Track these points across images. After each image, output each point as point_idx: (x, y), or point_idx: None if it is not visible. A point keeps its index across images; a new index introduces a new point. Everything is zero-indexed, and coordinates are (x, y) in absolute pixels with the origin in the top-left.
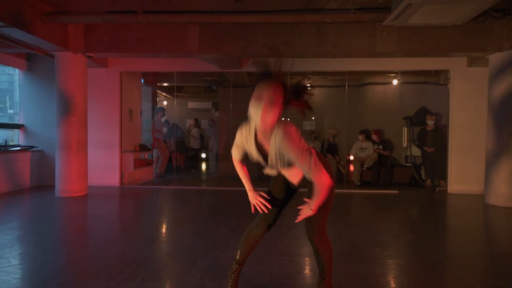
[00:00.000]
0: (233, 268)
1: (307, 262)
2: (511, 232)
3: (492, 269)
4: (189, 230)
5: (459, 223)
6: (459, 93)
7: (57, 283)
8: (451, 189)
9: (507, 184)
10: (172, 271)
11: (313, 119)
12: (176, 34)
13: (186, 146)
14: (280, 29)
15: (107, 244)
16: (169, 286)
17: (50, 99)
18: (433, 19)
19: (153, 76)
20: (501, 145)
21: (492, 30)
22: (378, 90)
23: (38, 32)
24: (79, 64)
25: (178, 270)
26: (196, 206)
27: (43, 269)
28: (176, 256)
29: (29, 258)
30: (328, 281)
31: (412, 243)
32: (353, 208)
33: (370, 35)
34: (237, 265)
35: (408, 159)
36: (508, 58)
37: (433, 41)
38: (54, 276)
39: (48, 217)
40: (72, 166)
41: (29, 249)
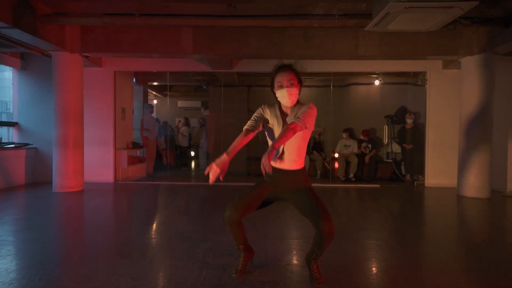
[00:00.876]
0: (236, 248)
1: (297, 243)
2: (476, 217)
3: (460, 246)
4: (187, 219)
5: (433, 211)
6: (435, 93)
7: (76, 262)
8: (428, 183)
9: (476, 177)
10: (177, 252)
11: None
12: (170, 36)
13: (175, 144)
14: (270, 33)
15: (113, 231)
16: (177, 262)
17: (44, 98)
18: (410, 26)
19: (144, 75)
20: (471, 142)
21: (463, 36)
22: (361, 90)
23: (38, 33)
24: (75, 64)
25: (183, 251)
26: (191, 199)
27: (59, 252)
28: (180, 240)
29: (43, 242)
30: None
31: (390, 228)
32: (338, 200)
33: (353, 39)
34: (238, 245)
35: (389, 155)
36: (477, 61)
37: (410, 45)
38: (71, 256)
39: (50, 209)
40: (69, 162)
41: (41, 235)
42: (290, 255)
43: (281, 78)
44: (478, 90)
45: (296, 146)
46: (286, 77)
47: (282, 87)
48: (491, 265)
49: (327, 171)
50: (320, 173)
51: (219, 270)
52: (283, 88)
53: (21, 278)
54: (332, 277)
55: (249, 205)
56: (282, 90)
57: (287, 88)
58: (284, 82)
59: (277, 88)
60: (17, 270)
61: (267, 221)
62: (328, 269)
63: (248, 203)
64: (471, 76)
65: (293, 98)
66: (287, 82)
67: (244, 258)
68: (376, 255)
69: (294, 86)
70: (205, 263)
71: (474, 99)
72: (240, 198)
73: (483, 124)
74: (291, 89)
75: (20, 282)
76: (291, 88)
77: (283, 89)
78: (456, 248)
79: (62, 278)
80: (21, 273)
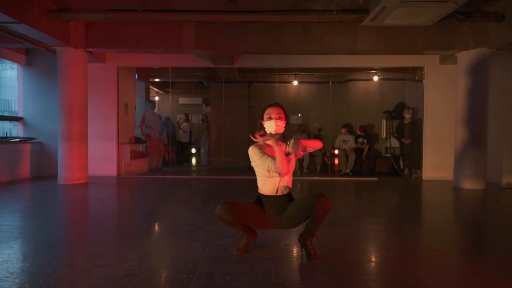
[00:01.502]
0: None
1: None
2: (470, 205)
3: (451, 230)
4: (190, 208)
5: (428, 200)
6: (432, 89)
7: (85, 243)
8: (426, 176)
9: (472, 169)
10: (181, 234)
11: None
12: (173, 32)
13: (177, 140)
14: (270, 28)
15: (119, 218)
16: (181, 242)
17: (49, 93)
18: (405, 20)
19: (146, 71)
20: (467, 135)
21: (459, 31)
22: (360, 86)
23: (43, 28)
24: (79, 59)
25: (187, 233)
26: (193, 191)
27: (67, 235)
28: (183, 225)
29: (51, 227)
30: (315, 233)
31: (386, 214)
32: (338, 192)
33: (352, 34)
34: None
35: (388, 150)
36: (473, 56)
37: (407, 40)
38: (79, 238)
39: (56, 199)
40: (73, 155)
41: (49, 221)
42: (289, 237)
43: (271, 111)
44: (474, 84)
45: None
46: (275, 111)
47: (271, 119)
48: (481, 244)
49: (326, 166)
50: (320, 167)
51: (221, 249)
52: (271, 120)
53: (34, 255)
54: (328, 256)
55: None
56: (270, 122)
57: (275, 120)
58: (273, 114)
59: (266, 120)
60: (29, 250)
61: None
62: (324, 249)
63: (240, 208)
64: (467, 71)
65: (279, 129)
66: (275, 115)
67: (246, 239)
68: (372, 236)
69: (281, 119)
70: (208, 244)
71: (470, 93)
72: (234, 202)
73: (479, 118)
74: (278, 121)
75: (33, 259)
76: (278, 120)
77: (272, 120)
78: (449, 231)
79: (73, 256)
80: (33, 252)
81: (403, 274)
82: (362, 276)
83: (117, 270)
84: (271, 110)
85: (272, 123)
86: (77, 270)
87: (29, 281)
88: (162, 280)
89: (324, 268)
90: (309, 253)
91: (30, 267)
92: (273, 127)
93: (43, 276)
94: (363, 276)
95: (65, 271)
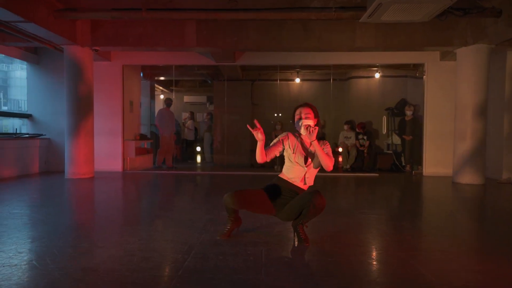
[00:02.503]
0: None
1: None
2: (468, 199)
3: (449, 219)
4: (192, 199)
5: (426, 194)
6: (433, 85)
7: (90, 229)
8: (426, 172)
9: (471, 164)
10: (181, 222)
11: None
12: (175, 30)
13: (182, 138)
14: (270, 26)
15: (123, 208)
16: (180, 229)
17: (57, 91)
18: (402, 16)
19: (151, 70)
20: (466, 130)
21: (458, 27)
22: (362, 83)
23: (51, 27)
24: (86, 57)
25: (186, 221)
26: (196, 185)
27: (73, 222)
28: (183, 214)
29: (59, 215)
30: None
31: (384, 206)
32: (339, 187)
33: (351, 31)
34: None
35: (389, 147)
36: (472, 53)
37: (406, 36)
38: (84, 225)
39: (63, 191)
40: (80, 150)
41: (57, 210)
42: (283, 224)
43: (300, 111)
44: (473, 80)
45: (314, 173)
46: (303, 111)
47: (300, 118)
48: (473, 232)
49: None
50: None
51: (216, 234)
52: (300, 119)
53: (41, 238)
54: (320, 240)
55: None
56: (299, 120)
57: (303, 120)
58: (302, 114)
59: (296, 120)
60: (37, 234)
61: None
62: (318, 235)
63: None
64: (466, 67)
65: (311, 129)
66: (304, 115)
67: (231, 225)
68: (366, 225)
69: (309, 119)
70: (205, 230)
71: (469, 89)
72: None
73: (478, 114)
74: (306, 120)
75: (40, 241)
76: (306, 120)
77: (300, 120)
78: (445, 220)
79: (78, 239)
80: (41, 235)
81: (392, 255)
82: (349, 257)
83: (118, 251)
84: (300, 110)
85: (300, 122)
86: (81, 250)
87: (36, 259)
88: (159, 259)
89: (314, 251)
90: (300, 238)
91: (37, 247)
92: (301, 127)
93: (49, 255)
94: (351, 257)
95: (69, 251)
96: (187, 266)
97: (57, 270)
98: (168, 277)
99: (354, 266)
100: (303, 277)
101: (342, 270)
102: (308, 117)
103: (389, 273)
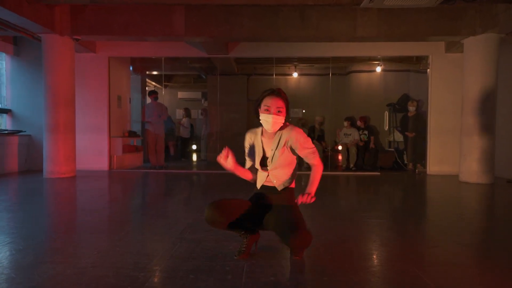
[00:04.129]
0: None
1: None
2: (476, 200)
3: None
4: (173, 201)
5: (432, 195)
6: (437, 79)
7: (47, 236)
8: (430, 170)
9: (479, 163)
10: (156, 227)
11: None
12: (162, 17)
13: (176, 135)
14: (265, 13)
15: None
16: (153, 236)
17: (38, 84)
18: (407, 1)
19: (141, 63)
20: (474, 127)
21: (466, 15)
22: (363, 78)
23: (25, 13)
24: (65, 47)
25: (162, 226)
26: (181, 184)
27: (32, 228)
28: (161, 218)
29: (25, 221)
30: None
31: (387, 209)
32: (339, 186)
33: (351, 19)
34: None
35: (391, 144)
36: (480, 43)
37: (411, 25)
38: (47, 230)
39: (36, 194)
40: (59, 147)
41: (25, 213)
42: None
43: (270, 103)
44: (481, 72)
45: (284, 173)
46: (275, 104)
47: (269, 112)
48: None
49: (327, 160)
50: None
51: (193, 243)
52: (269, 114)
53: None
54: (317, 252)
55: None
56: (268, 116)
57: (273, 115)
58: (272, 108)
59: (263, 111)
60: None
61: None
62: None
63: (228, 203)
64: (474, 58)
65: (277, 126)
66: (275, 109)
67: (247, 240)
68: (367, 232)
69: (281, 114)
70: (182, 239)
71: (477, 82)
72: (221, 200)
73: (486, 108)
74: (277, 116)
75: None
76: (277, 115)
77: (269, 115)
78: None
79: (24, 252)
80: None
81: (398, 271)
82: (349, 275)
83: (66, 268)
84: (270, 102)
85: (270, 118)
86: (21, 267)
87: None
88: (113, 279)
89: (308, 267)
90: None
91: None
92: (269, 124)
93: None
94: (351, 276)
95: (7, 272)
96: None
97: None
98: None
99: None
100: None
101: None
102: (280, 111)
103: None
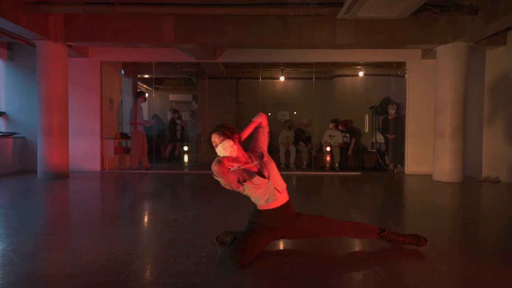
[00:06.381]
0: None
1: None
2: (446, 196)
3: (424, 216)
4: (162, 200)
5: (406, 192)
6: (414, 83)
7: (44, 229)
8: (408, 170)
9: (450, 163)
10: (143, 222)
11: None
12: (152, 25)
13: (167, 137)
14: (249, 22)
15: (88, 208)
16: (141, 229)
17: (31, 88)
18: (379, 13)
19: (133, 67)
20: (445, 128)
21: (437, 25)
22: (347, 82)
23: (20, 21)
24: (59, 53)
25: (148, 221)
26: (172, 185)
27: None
28: (148, 215)
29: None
30: None
31: (365, 202)
32: (323, 186)
33: (331, 28)
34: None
35: (373, 145)
36: (451, 51)
37: (386, 34)
38: (43, 224)
39: (30, 193)
40: (53, 149)
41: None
42: None
43: (212, 140)
44: (452, 78)
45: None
46: (213, 139)
47: (217, 145)
48: (447, 228)
49: (311, 161)
50: (306, 163)
51: (175, 235)
52: (218, 145)
53: None
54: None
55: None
56: (218, 147)
57: (220, 143)
58: (215, 142)
59: (215, 148)
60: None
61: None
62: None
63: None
64: (446, 64)
65: (232, 148)
66: (217, 142)
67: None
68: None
69: (226, 139)
70: (166, 231)
71: (448, 87)
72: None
73: (457, 111)
74: (224, 142)
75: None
76: (224, 142)
77: (219, 145)
78: (422, 215)
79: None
80: None
81: (367, 267)
82: (306, 258)
83: (63, 254)
84: (212, 139)
85: (220, 149)
86: (24, 253)
87: None
88: (104, 262)
89: (276, 255)
90: None
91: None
92: (221, 152)
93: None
94: (307, 259)
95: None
96: (132, 269)
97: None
98: (107, 283)
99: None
100: (256, 279)
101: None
102: (223, 139)
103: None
